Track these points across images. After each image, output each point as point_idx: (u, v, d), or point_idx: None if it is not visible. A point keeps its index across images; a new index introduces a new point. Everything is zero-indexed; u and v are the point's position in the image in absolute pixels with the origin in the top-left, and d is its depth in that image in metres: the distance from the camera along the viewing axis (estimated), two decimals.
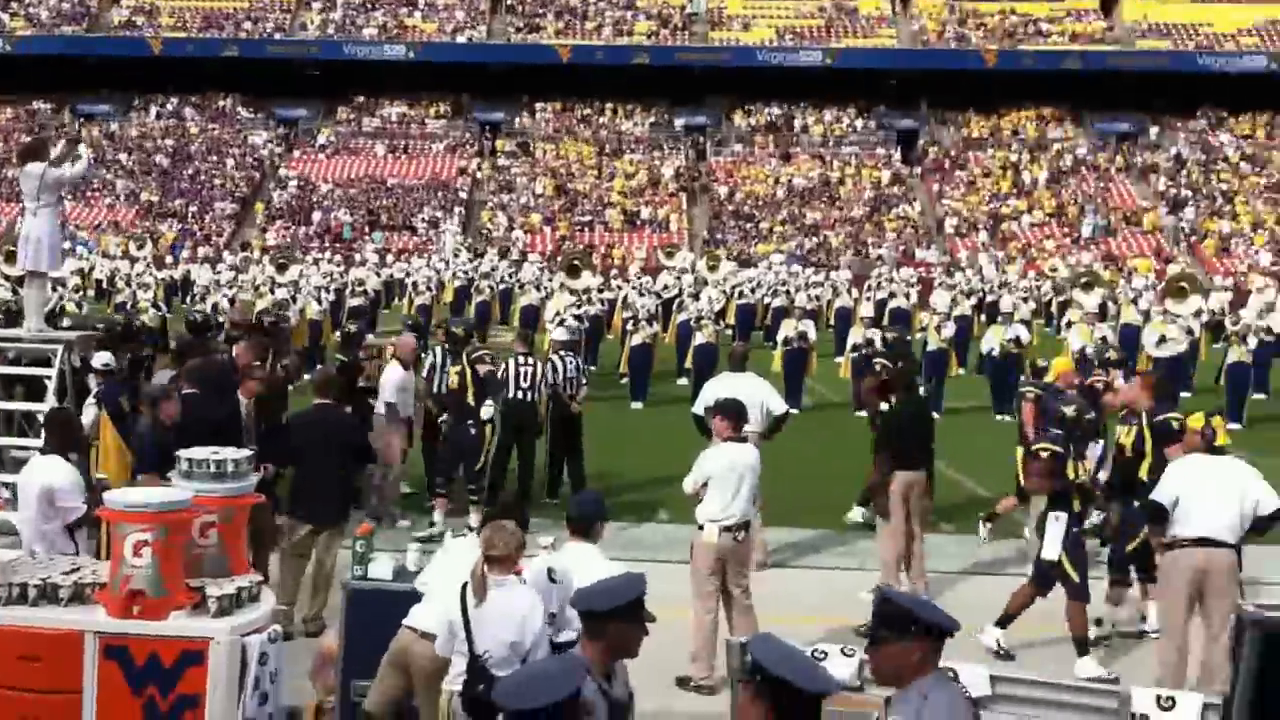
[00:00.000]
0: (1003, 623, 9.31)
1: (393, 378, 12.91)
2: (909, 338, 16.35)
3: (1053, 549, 9.05)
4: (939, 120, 59.57)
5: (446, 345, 13.06)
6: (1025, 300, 30.87)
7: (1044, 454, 9.43)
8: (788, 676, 3.50)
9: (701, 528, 8.80)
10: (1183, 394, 21.25)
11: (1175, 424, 9.46)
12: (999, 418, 20.45)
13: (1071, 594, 9.03)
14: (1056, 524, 9.04)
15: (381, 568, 7.40)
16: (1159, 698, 6.06)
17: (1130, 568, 9.82)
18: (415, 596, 6.71)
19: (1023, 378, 14.21)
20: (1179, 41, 56.91)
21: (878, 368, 13.60)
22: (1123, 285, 35.88)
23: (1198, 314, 25.02)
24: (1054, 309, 35.44)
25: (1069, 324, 24.89)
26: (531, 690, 3.79)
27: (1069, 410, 9.66)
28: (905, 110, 59.39)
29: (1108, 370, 14.74)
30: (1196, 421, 8.54)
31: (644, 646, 4.59)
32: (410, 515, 12.72)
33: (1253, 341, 21.83)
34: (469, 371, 12.41)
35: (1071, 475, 9.74)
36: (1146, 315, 25.54)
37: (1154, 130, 58.15)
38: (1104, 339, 21.77)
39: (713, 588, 8.74)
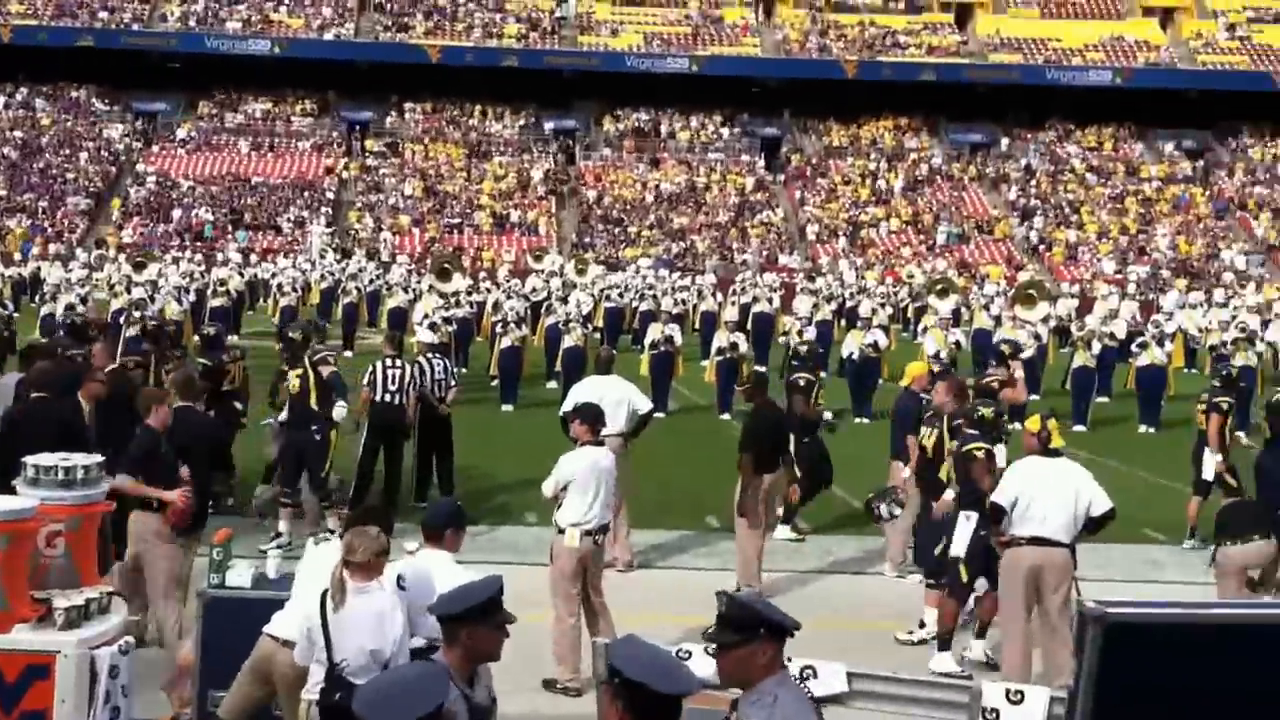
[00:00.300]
0: (980, 634, 9.48)
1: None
2: (820, 350, 16.64)
3: (961, 545, 9.23)
4: (801, 129, 60.61)
5: (283, 351, 12.71)
6: (883, 306, 31.58)
7: (979, 453, 9.46)
8: (643, 679, 3.52)
9: (562, 531, 8.81)
10: (1032, 396, 22.18)
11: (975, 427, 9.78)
12: (858, 420, 21.03)
13: (952, 591, 9.28)
14: (967, 522, 9.22)
15: (240, 575, 7.19)
16: (1008, 692, 6.43)
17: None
18: (275, 604, 6.55)
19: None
20: (1029, 56, 58.67)
21: (801, 383, 13.81)
22: (975, 291, 36.92)
23: (1045, 320, 25.88)
24: (910, 314, 36.30)
25: (925, 329, 25.58)
26: (394, 704, 3.69)
27: (987, 412, 9.94)
28: (769, 118, 60.31)
29: (1008, 365, 15.16)
30: (1034, 424, 8.88)
31: (513, 648, 4.61)
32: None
33: (1097, 347, 22.74)
34: (311, 375, 11.99)
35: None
36: (998, 320, 26.37)
37: (1005, 141, 59.87)
38: (957, 343, 22.55)
39: (575, 590, 8.78)
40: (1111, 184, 56.74)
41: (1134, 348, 22.97)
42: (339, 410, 12.29)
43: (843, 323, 30.61)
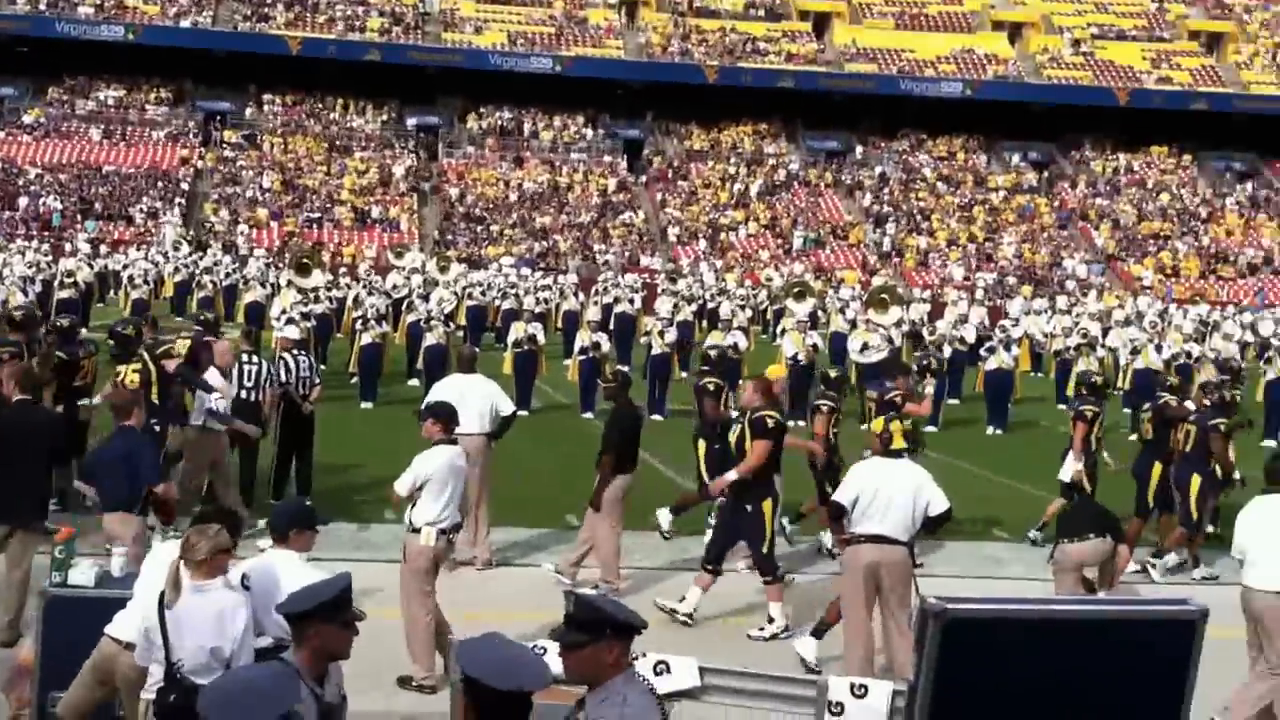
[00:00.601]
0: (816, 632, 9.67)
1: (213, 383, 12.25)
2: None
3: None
4: (663, 131, 61.04)
5: (114, 348, 12.33)
6: (743, 308, 32.05)
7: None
8: (481, 675, 3.55)
9: (417, 530, 8.79)
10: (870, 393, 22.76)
11: (770, 421, 10.17)
12: None
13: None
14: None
15: (83, 574, 7.05)
16: (853, 686, 6.63)
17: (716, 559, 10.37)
18: (118, 604, 6.40)
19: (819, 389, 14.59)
20: (884, 66, 59.88)
21: (711, 387, 14.03)
22: (831, 295, 37.61)
23: (898, 324, 26.56)
24: (769, 316, 36.89)
25: (783, 331, 26.05)
26: (242, 708, 3.63)
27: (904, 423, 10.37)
28: (631, 120, 60.61)
29: (922, 377, 15.59)
30: (878, 425, 9.21)
31: (369, 646, 4.61)
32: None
33: (947, 350, 23.45)
34: (153, 368, 11.66)
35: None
36: (852, 324, 26.99)
37: (860, 149, 61.07)
38: (814, 346, 23.03)
39: (430, 589, 8.80)
40: (960, 193, 58.25)
41: (982, 352, 23.72)
42: (219, 402, 12.04)
43: (703, 324, 30.98)
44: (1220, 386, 15.08)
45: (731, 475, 10.18)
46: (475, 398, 11.89)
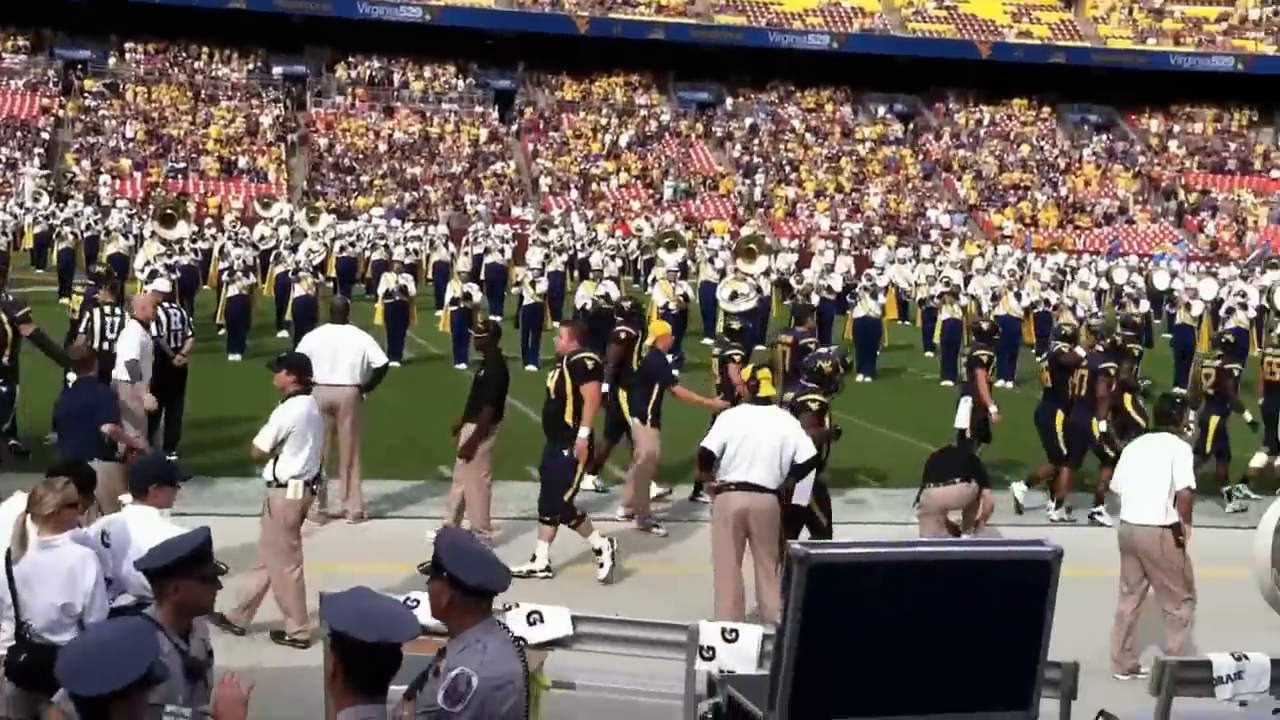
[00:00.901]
0: None
1: (133, 337, 12.03)
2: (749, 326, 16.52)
3: (804, 495, 9.38)
4: (535, 82, 60.62)
5: None
6: (614, 258, 32.09)
7: (813, 405, 9.79)
8: (346, 628, 3.54)
9: (283, 485, 8.63)
10: (758, 346, 23.07)
11: (589, 363, 10.21)
12: None
13: (816, 535, 9.52)
14: (809, 478, 9.40)
15: None
16: (723, 631, 6.76)
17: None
18: None
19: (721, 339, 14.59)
20: (753, 18, 60.10)
21: (623, 335, 13.50)
22: (701, 245, 37.84)
23: (766, 273, 26.83)
24: (640, 266, 37.02)
25: (653, 281, 26.17)
26: (101, 668, 3.49)
27: (825, 365, 10.35)
28: (503, 70, 60.06)
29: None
30: (746, 373, 9.34)
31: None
32: None
33: (815, 299, 23.76)
34: (9, 329, 11.31)
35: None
36: (721, 273, 27.18)
37: (730, 101, 61.32)
38: (685, 295, 23.20)
39: (298, 542, 8.71)
40: (828, 144, 58.88)
41: (849, 299, 24.13)
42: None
43: (574, 274, 30.99)
44: (1111, 331, 15.63)
45: (584, 432, 10.11)
46: (347, 349, 11.83)
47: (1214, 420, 13.87)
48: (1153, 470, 8.68)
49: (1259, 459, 14.72)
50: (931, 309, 25.81)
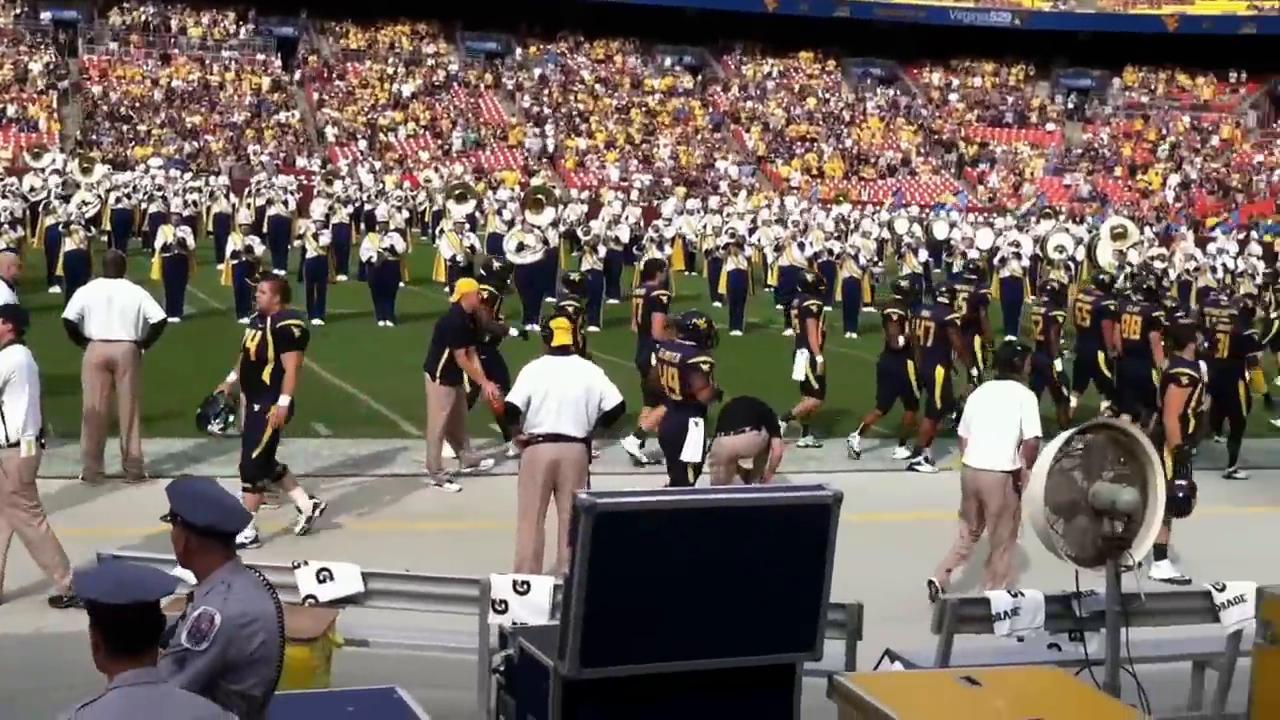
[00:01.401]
0: None
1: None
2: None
3: (695, 452, 9.64)
4: (318, 30, 59.13)
5: None
6: (400, 209, 31.67)
7: (704, 366, 9.87)
8: (97, 596, 3.46)
9: (15, 444, 8.23)
10: (549, 299, 23.05)
11: (296, 330, 9.92)
12: (381, 324, 21.19)
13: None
14: (697, 429, 9.67)
15: None
16: (515, 583, 6.77)
17: None
18: None
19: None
20: None
21: (485, 294, 13.09)
22: (490, 196, 37.63)
23: (555, 224, 26.81)
24: (428, 218, 36.61)
25: (441, 232, 25.90)
26: None
27: (700, 322, 10.34)
28: (285, 18, 58.37)
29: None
30: (553, 324, 9.32)
31: (19, 567, 4.44)
32: None
33: (602, 250, 23.87)
34: None
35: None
36: (510, 224, 27.03)
37: (520, 51, 60.91)
38: (472, 247, 23.02)
39: (37, 499, 8.40)
40: (618, 96, 59.03)
41: (634, 250, 24.32)
42: None
43: (360, 226, 30.49)
44: (955, 281, 16.24)
45: (285, 400, 9.75)
46: (122, 303, 11.42)
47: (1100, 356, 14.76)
48: (1000, 418, 9.06)
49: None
50: (717, 260, 26.19)
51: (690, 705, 4.57)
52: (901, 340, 13.88)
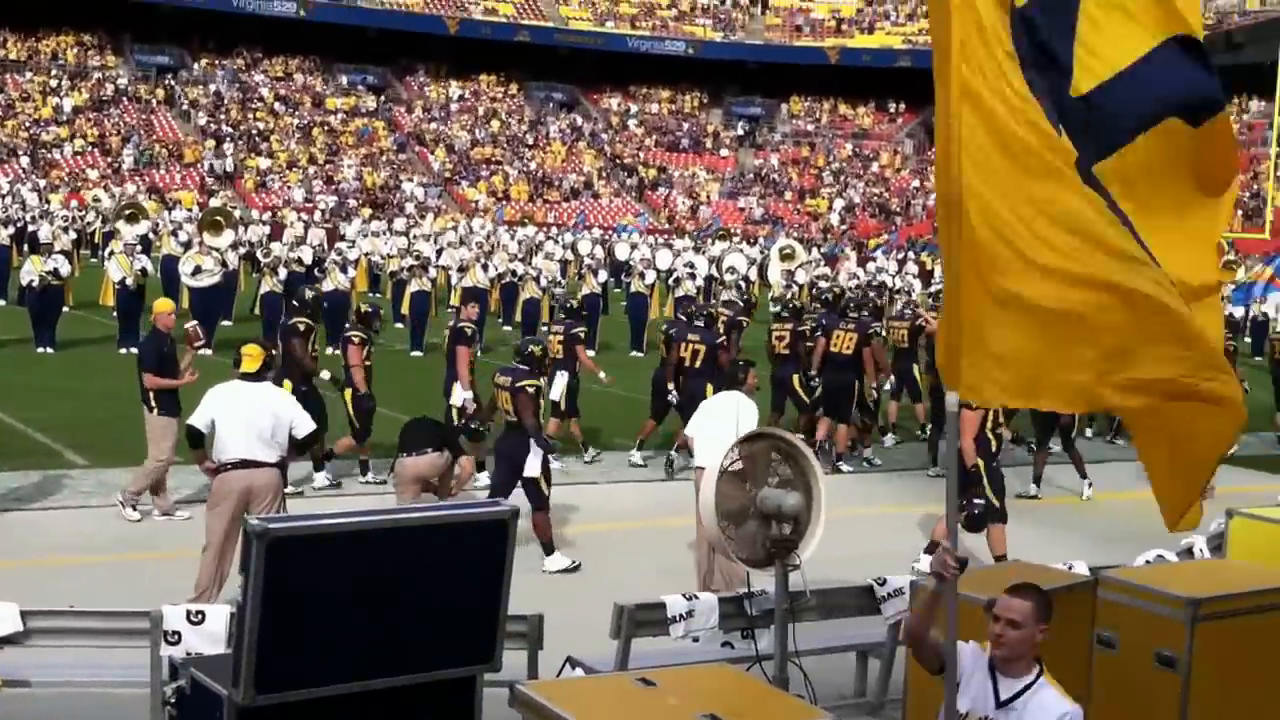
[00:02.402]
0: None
1: None
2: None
3: (535, 467, 10.27)
4: None
5: None
6: (66, 230, 30.15)
7: (530, 389, 10.47)
8: None
9: None
10: (224, 322, 22.39)
11: None
12: (41, 350, 20.19)
13: (537, 505, 10.30)
14: (538, 453, 10.34)
15: None
16: (189, 613, 6.58)
17: None
18: None
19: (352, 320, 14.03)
20: None
21: (301, 328, 12.92)
22: (165, 217, 36.27)
23: (235, 246, 26.07)
24: (98, 239, 35.01)
25: (110, 254, 24.81)
26: None
27: (536, 349, 10.90)
28: None
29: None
30: (250, 352, 9.09)
31: None
32: None
33: (283, 272, 23.35)
34: None
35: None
36: (187, 246, 26.13)
37: (196, 66, 58.94)
38: (143, 270, 22.12)
39: None
40: (299, 114, 57.87)
41: (316, 273, 23.96)
42: None
43: (24, 248, 28.84)
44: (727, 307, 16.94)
45: None
46: None
47: (795, 378, 15.31)
48: (723, 424, 9.34)
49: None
50: (401, 281, 26.02)
51: None
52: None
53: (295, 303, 14.29)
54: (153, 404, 11.24)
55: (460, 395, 12.94)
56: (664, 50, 64.08)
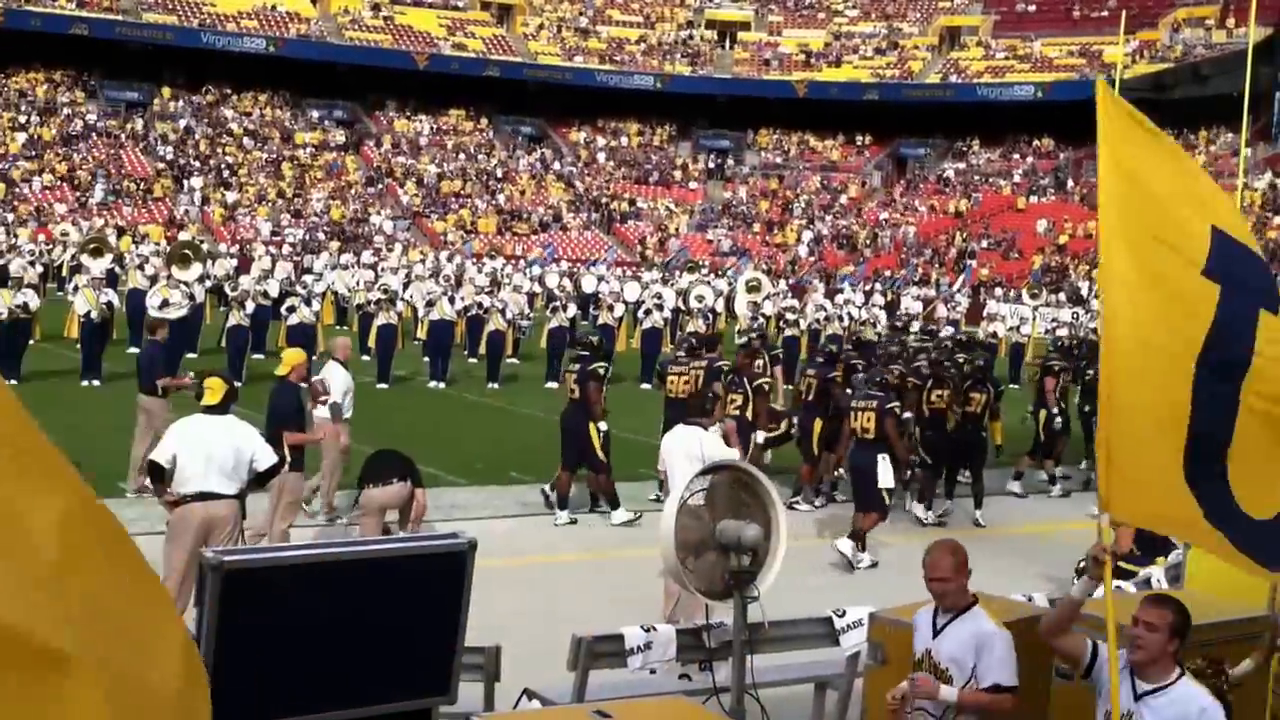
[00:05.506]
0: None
1: (337, 378, 12.61)
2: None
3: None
4: None
5: None
6: (34, 264, 30.04)
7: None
8: None
9: None
10: (188, 354, 22.34)
11: None
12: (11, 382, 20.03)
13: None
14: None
15: None
16: None
17: None
18: None
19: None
20: (184, 18, 58.14)
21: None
22: (133, 251, 36.18)
23: (202, 279, 26.01)
24: (65, 272, 34.90)
25: (75, 288, 24.73)
26: None
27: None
28: None
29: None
30: (211, 384, 9.10)
31: None
32: None
33: (251, 306, 23.34)
34: None
35: None
36: (154, 280, 26.05)
37: (164, 101, 58.90)
38: (109, 304, 22.08)
39: None
40: (268, 149, 57.85)
41: (284, 310, 23.97)
42: None
43: None
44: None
45: None
46: None
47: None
48: (687, 460, 9.39)
49: None
50: (369, 314, 26.01)
51: None
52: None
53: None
54: (288, 457, 10.38)
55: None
56: (632, 85, 64.36)
